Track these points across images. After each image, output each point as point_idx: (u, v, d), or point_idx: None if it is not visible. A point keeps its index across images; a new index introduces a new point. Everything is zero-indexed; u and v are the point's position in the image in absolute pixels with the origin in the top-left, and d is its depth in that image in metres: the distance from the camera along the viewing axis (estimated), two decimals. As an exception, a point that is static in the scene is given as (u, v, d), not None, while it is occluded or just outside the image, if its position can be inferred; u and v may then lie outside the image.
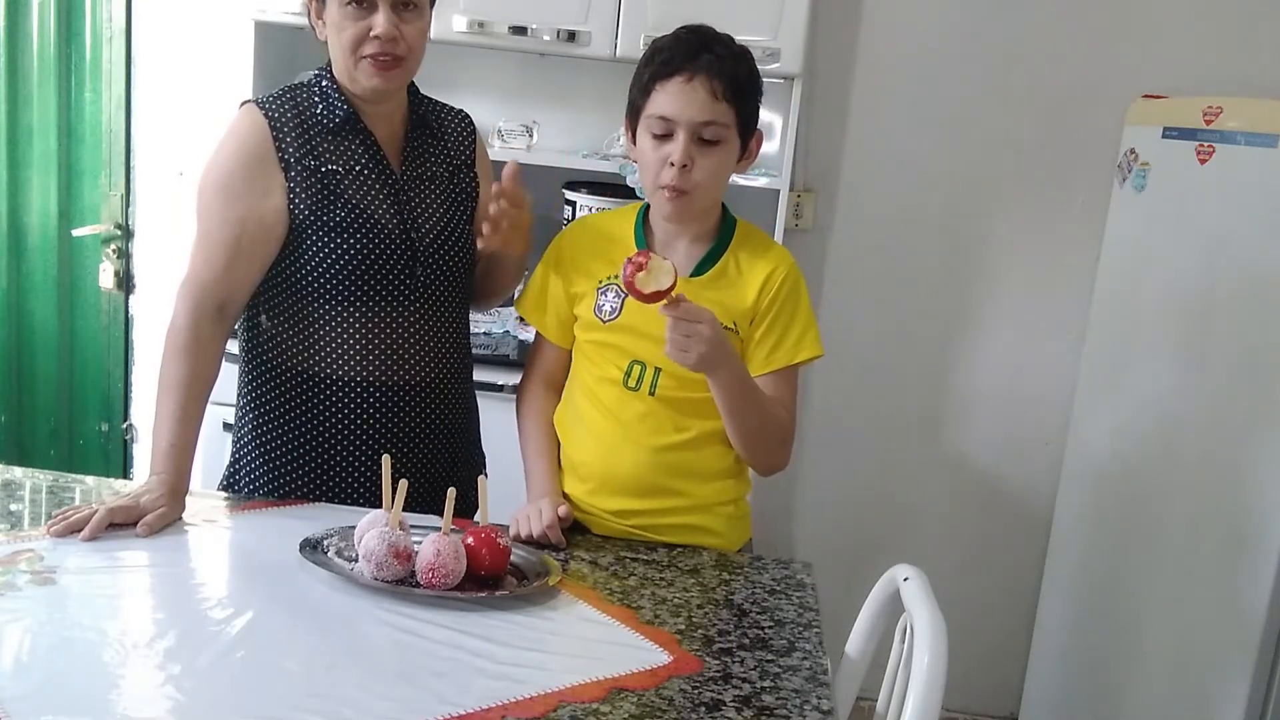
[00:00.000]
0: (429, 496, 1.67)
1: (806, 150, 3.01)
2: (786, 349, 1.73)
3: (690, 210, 1.69)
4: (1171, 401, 2.64)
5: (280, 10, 2.66)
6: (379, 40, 1.68)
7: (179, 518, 1.62)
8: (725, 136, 1.65)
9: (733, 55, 1.65)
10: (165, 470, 1.64)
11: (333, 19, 1.71)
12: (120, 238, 3.18)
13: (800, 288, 1.76)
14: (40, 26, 3.05)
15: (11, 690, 1.14)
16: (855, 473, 3.20)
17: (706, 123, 1.62)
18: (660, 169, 1.65)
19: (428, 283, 1.78)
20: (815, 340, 1.76)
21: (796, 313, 1.74)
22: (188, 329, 1.70)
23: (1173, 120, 2.66)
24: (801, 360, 1.74)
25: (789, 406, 1.75)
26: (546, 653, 1.34)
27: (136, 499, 1.58)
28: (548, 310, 1.81)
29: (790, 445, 1.77)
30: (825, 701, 1.29)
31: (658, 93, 1.64)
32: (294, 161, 1.72)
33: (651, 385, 1.72)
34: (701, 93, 1.62)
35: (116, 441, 3.31)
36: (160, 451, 1.66)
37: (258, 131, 1.72)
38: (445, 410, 1.84)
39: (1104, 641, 2.81)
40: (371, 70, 1.70)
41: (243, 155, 1.72)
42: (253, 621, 1.33)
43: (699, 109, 1.62)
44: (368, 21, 1.68)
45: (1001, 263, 3.08)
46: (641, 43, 2.64)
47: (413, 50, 1.73)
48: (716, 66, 1.62)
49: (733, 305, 1.72)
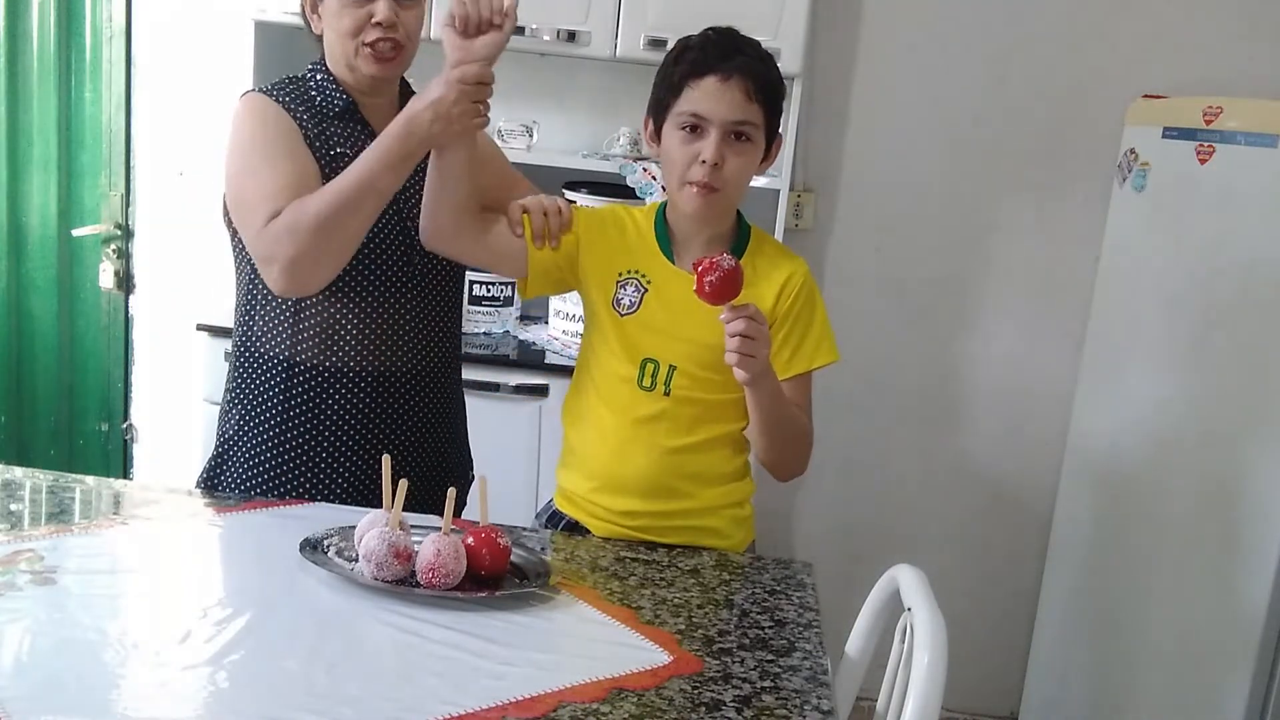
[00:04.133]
0: (416, 487, 1.66)
1: (806, 150, 3.02)
2: (805, 354, 1.73)
3: (717, 208, 1.69)
4: (1171, 401, 2.65)
5: (280, 10, 2.66)
6: (380, 27, 1.69)
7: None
8: (755, 137, 1.66)
9: (762, 58, 1.67)
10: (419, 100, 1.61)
11: (331, 8, 1.71)
12: (120, 238, 3.18)
13: (816, 294, 1.76)
14: (40, 26, 3.05)
15: (11, 690, 1.14)
16: (855, 472, 3.20)
17: (740, 122, 1.63)
18: (689, 165, 1.65)
19: (424, 271, 1.79)
20: (832, 346, 1.76)
21: (814, 318, 1.75)
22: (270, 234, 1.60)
23: (1173, 120, 2.66)
24: (819, 365, 1.75)
25: (808, 412, 1.76)
26: (546, 653, 1.34)
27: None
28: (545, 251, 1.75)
29: (810, 456, 1.78)
30: (825, 701, 1.29)
31: (690, 90, 1.64)
32: (313, 139, 1.72)
33: (666, 385, 1.71)
34: (737, 92, 1.62)
35: (116, 441, 3.31)
36: (391, 128, 1.61)
37: (274, 108, 1.72)
38: (435, 400, 1.85)
39: (1104, 641, 2.81)
40: (371, 59, 1.71)
41: (271, 125, 1.70)
42: (253, 621, 1.33)
43: (733, 108, 1.63)
44: (368, 9, 1.69)
45: (1001, 263, 3.08)
46: (641, 43, 2.64)
47: (410, 39, 1.74)
48: (750, 67, 1.63)
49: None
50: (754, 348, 1.54)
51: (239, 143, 1.71)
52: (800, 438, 1.74)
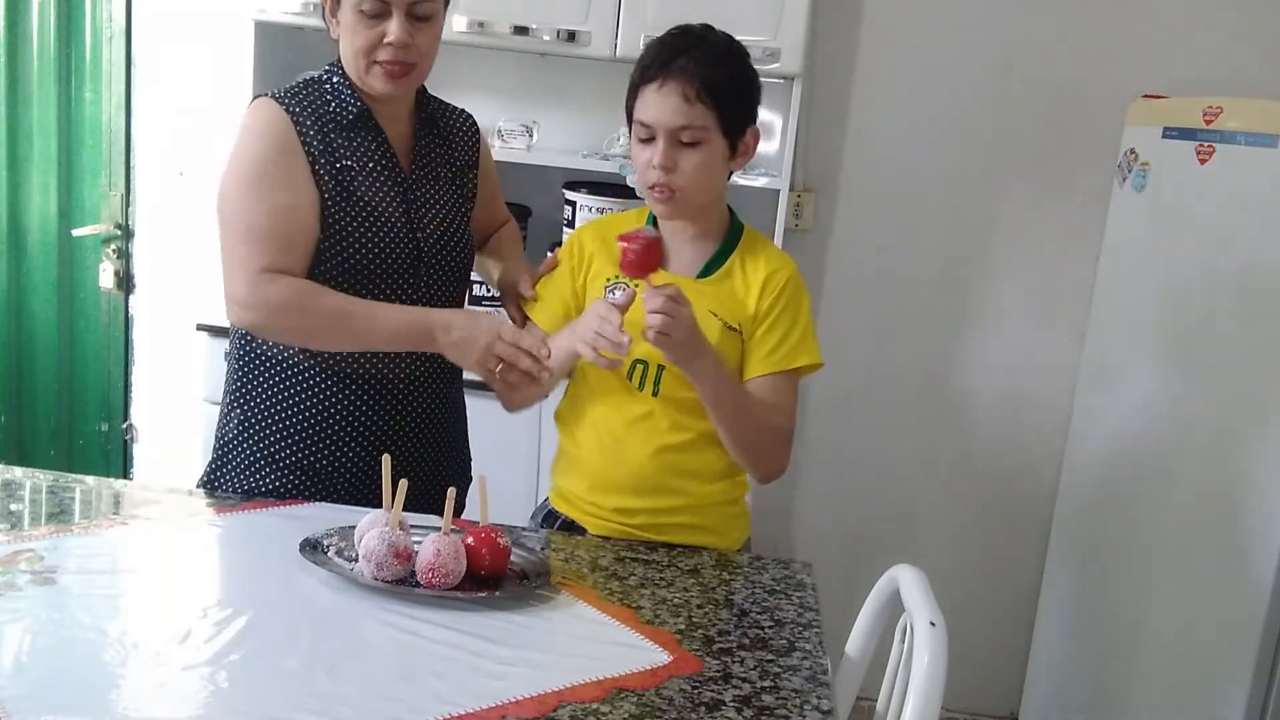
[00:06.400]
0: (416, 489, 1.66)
1: (806, 150, 3.01)
2: (785, 352, 1.73)
3: (682, 208, 1.71)
4: (1171, 401, 2.64)
5: (280, 10, 2.65)
6: (392, 48, 1.68)
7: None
8: (704, 138, 1.66)
9: (713, 57, 1.66)
10: (456, 318, 1.69)
11: (347, 22, 1.70)
12: (120, 238, 3.18)
13: (801, 294, 1.76)
14: (40, 26, 3.05)
15: (11, 690, 1.14)
16: (855, 472, 3.20)
17: (681, 127, 1.65)
18: (645, 170, 1.69)
19: (430, 281, 1.79)
20: (814, 349, 1.75)
21: (797, 318, 1.74)
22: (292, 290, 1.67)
23: (1173, 120, 2.66)
24: (800, 365, 1.74)
25: (787, 412, 1.74)
26: (546, 653, 1.34)
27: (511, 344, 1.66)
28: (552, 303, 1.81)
29: (787, 452, 1.76)
30: (825, 701, 1.29)
31: (640, 98, 1.68)
32: (317, 153, 1.72)
33: (655, 385, 1.72)
34: (674, 98, 1.64)
35: (116, 441, 3.31)
36: (418, 318, 1.69)
37: (280, 122, 1.71)
38: (435, 404, 1.85)
39: (1104, 641, 2.81)
40: (382, 76, 1.71)
41: (274, 149, 1.70)
42: (253, 621, 1.33)
43: (672, 114, 1.64)
44: (381, 28, 1.68)
45: (1001, 263, 3.08)
46: (641, 43, 2.64)
47: (424, 57, 1.74)
48: (691, 70, 1.63)
49: (736, 307, 1.73)
50: (671, 327, 1.56)
51: (238, 158, 1.72)
52: (763, 434, 1.72)
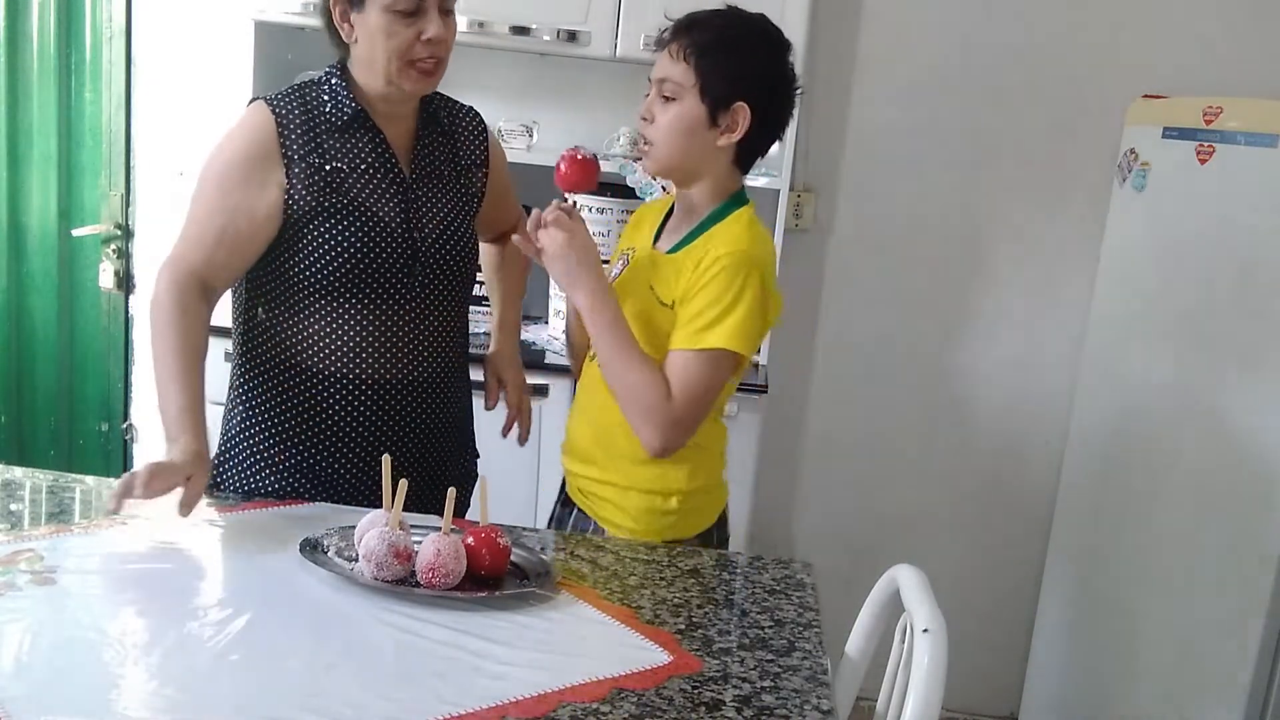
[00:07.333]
0: (420, 494, 1.67)
1: (806, 150, 3.02)
2: (694, 330, 1.65)
3: (656, 163, 1.75)
4: (1171, 401, 2.65)
5: (280, 10, 2.66)
6: (430, 44, 1.70)
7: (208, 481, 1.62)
8: (680, 94, 1.69)
9: (717, 25, 1.70)
10: (181, 434, 1.60)
11: (377, 24, 1.69)
12: (120, 238, 3.18)
13: (734, 277, 1.64)
14: (40, 26, 3.05)
15: (11, 690, 1.14)
16: (855, 473, 3.20)
17: (661, 79, 1.71)
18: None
19: (426, 282, 1.79)
20: (733, 335, 1.64)
21: (719, 298, 1.64)
22: (173, 302, 1.69)
23: (1173, 120, 2.66)
24: (708, 348, 1.64)
25: (685, 392, 1.65)
26: (546, 653, 1.34)
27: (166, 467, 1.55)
28: None
29: (659, 434, 1.67)
30: (825, 701, 1.29)
31: None
32: (297, 159, 1.72)
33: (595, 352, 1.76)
34: (664, 54, 1.71)
35: (116, 441, 3.31)
36: (172, 418, 1.62)
37: (262, 128, 1.73)
38: (438, 408, 1.85)
39: (1104, 641, 2.81)
40: (418, 75, 1.72)
41: (244, 150, 1.74)
42: (253, 621, 1.33)
43: (660, 68, 1.72)
44: (418, 27, 1.69)
45: (1001, 263, 3.08)
46: (641, 43, 2.64)
47: (449, 49, 1.76)
48: (684, 33, 1.70)
49: (676, 282, 1.71)
50: (548, 239, 1.68)
51: (210, 155, 1.77)
52: (632, 401, 1.67)
